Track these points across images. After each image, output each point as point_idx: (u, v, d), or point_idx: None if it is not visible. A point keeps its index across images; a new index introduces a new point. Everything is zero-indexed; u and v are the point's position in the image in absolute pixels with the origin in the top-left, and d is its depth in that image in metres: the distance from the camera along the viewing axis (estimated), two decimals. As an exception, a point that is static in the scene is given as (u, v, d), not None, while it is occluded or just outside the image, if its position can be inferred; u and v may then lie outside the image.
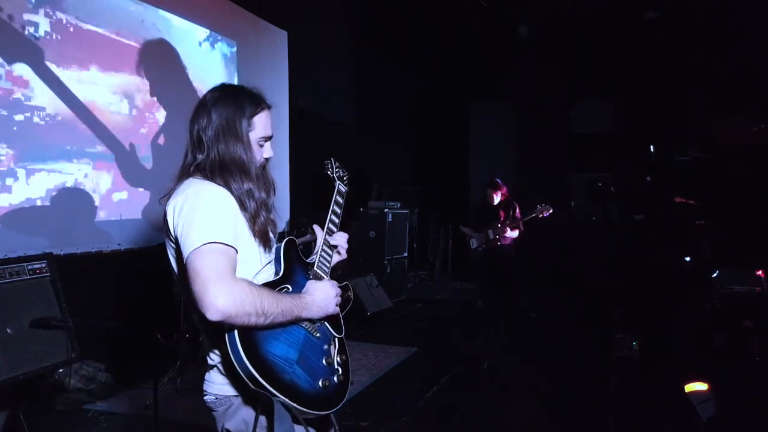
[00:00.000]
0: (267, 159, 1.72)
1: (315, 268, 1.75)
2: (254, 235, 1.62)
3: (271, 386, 1.44)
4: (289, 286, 1.63)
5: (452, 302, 8.10)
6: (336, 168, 2.00)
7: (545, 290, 7.66)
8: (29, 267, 3.24)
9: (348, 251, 1.91)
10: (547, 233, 6.48)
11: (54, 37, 4.31)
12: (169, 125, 5.41)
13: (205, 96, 1.68)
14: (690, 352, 5.02)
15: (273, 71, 7.13)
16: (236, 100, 1.65)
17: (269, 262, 1.68)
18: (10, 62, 3.99)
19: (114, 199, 4.82)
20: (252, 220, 1.61)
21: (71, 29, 4.45)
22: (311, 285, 1.67)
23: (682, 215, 7.47)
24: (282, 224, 5.40)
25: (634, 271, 7.13)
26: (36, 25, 4.17)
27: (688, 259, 6.48)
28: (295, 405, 1.47)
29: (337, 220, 1.87)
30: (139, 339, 4.49)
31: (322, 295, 1.64)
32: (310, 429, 1.54)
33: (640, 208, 8.21)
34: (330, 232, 1.84)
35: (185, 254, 1.46)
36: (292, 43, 7.42)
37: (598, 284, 7.60)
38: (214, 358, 1.60)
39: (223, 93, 1.67)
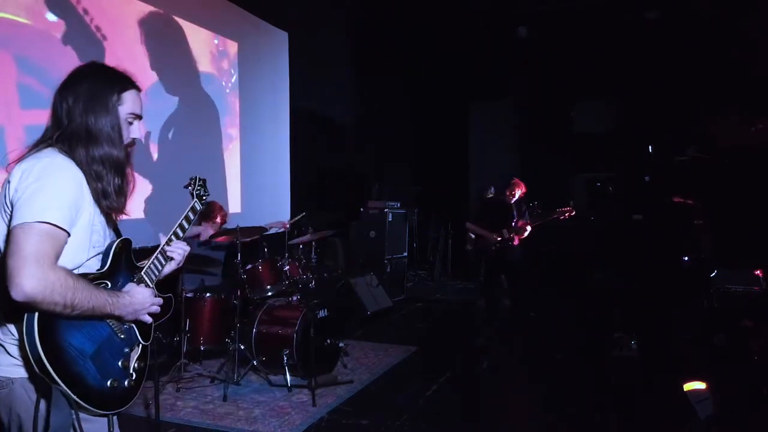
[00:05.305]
0: (133, 140, 1.73)
1: (142, 273, 1.79)
2: (101, 212, 1.63)
3: (55, 373, 1.42)
4: (108, 283, 1.63)
5: (452, 302, 8.11)
6: (198, 187, 2.07)
7: (545, 290, 7.66)
8: (31, 267, 3.25)
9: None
10: (547, 233, 6.46)
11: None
12: (170, 125, 5.42)
13: (75, 70, 1.67)
14: (689, 351, 5.03)
15: (274, 72, 7.15)
16: (107, 74, 1.68)
17: (98, 254, 1.67)
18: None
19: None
20: (102, 193, 1.60)
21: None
22: (131, 287, 1.69)
23: (681, 215, 7.47)
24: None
25: (633, 271, 7.14)
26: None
27: (686, 258, 6.49)
28: (73, 396, 1.45)
29: (181, 234, 1.95)
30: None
31: (139, 300, 1.66)
32: (80, 416, 1.51)
33: (639, 208, 8.21)
34: (169, 242, 1.90)
35: (15, 222, 1.43)
36: (293, 44, 7.44)
37: (597, 284, 7.60)
38: (3, 336, 1.53)
39: (94, 67, 1.70)
